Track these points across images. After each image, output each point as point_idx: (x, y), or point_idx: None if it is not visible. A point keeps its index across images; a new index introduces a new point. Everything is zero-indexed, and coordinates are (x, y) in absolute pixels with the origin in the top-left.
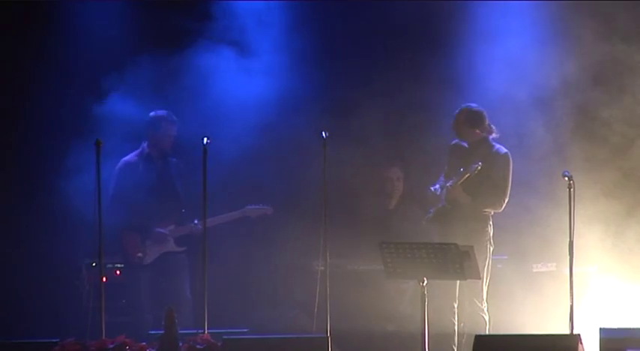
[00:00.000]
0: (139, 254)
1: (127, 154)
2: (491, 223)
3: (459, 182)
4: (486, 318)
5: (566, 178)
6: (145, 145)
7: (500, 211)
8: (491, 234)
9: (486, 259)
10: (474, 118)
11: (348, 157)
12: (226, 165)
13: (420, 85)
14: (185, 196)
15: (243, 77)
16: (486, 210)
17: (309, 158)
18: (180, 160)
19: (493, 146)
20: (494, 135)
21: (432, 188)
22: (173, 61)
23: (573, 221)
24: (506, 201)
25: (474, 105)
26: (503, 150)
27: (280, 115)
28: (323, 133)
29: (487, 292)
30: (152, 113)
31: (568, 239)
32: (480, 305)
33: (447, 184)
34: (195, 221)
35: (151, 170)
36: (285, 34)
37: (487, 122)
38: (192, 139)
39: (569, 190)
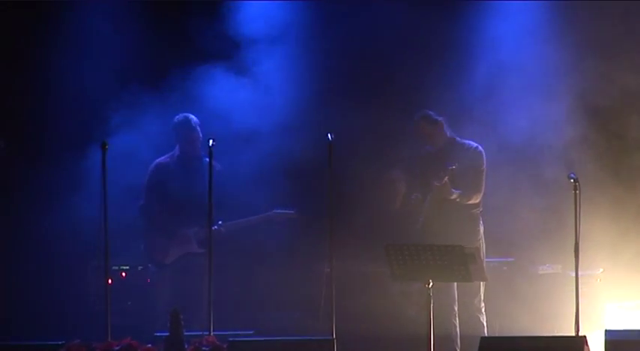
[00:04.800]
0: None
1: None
2: (481, 221)
3: (443, 182)
4: (483, 320)
5: (572, 180)
6: (177, 147)
7: (477, 202)
8: (482, 232)
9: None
10: (432, 121)
11: (354, 158)
12: (233, 166)
13: (422, 85)
14: (216, 197)
15: (248, 80)
16: (471, 205)
17: (314, 159)
18: (215, 164)
19: (463, 144)
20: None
21: (412, 197)
22: (182, 65)
23: (579, 223)
24: (481, 193)
25: (425, 111)
26: (474, 144)
27: (286, 117)
28: (329, 135)
29: (484, 292)
30: (175, 118)
31: (574, 241)
32: (478, 306)
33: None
34: (220, 222)
35: (180, 172)
36: (288, 36)
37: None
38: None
39: (575, 192)
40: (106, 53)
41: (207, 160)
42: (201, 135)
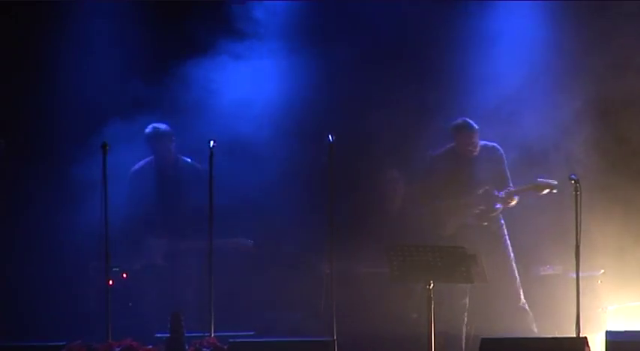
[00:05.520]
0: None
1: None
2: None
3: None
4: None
5: (573, 182)
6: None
7: None
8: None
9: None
10: (475, 129)
11: (354, 159)
12: (234, 165)
13: (424, 87)
14: (194, 205)
15: (250, 80)
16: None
17: (315, 160)
18: (195, 164)
19: (486, 145)
20: None
21: (501, 194)
22: (181, 67)
23: (580, 224)
24: None
25: (465, 119)
26: (496, 144)
27: (287, 116)
28: (330, 136)
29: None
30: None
31: (574, 243)
32: (524, 300)
33: (509, 189)
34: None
35: (154, 180)
36: (291, 37)
37: None
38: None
39: (576, 193)
40: (108, 54)
41: (189, 160)
42: (172, 143)
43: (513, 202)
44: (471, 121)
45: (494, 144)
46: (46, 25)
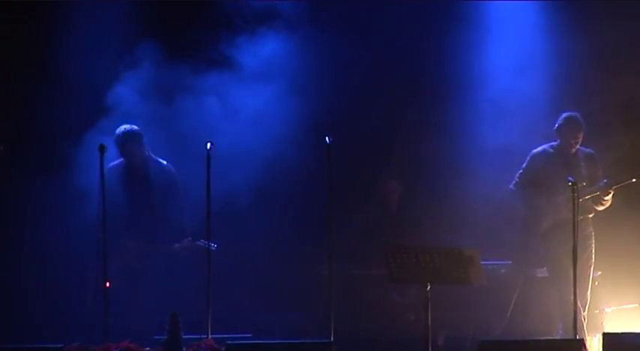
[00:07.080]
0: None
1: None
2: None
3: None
4: (584, 319)
5: (570, 184)
6: None
7: None
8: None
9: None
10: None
11: (352, 161)
12: (232, 167)
13: (423, 89)
14: (169, 209)
15: (249, 82)
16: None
17: (313, 163)
18: (168, 166)
19: (584, 149)
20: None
21: (600, 183)
22: (181, 65)
23: (577, 227)
24: None
25: (576, 113)
26: (592, 151)
27: (285, 119)
28: (327, 139)
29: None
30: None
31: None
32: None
33: (602, 183)
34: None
35: (124, 181)
36: (292, 39)
37: None
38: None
39: (573, 195)
40: (108, 58)
41: (163, 162)
42: (139, 144)
43: (608, 197)
44: (580, 117)
45: (591, 150)
46: (46, 29)
